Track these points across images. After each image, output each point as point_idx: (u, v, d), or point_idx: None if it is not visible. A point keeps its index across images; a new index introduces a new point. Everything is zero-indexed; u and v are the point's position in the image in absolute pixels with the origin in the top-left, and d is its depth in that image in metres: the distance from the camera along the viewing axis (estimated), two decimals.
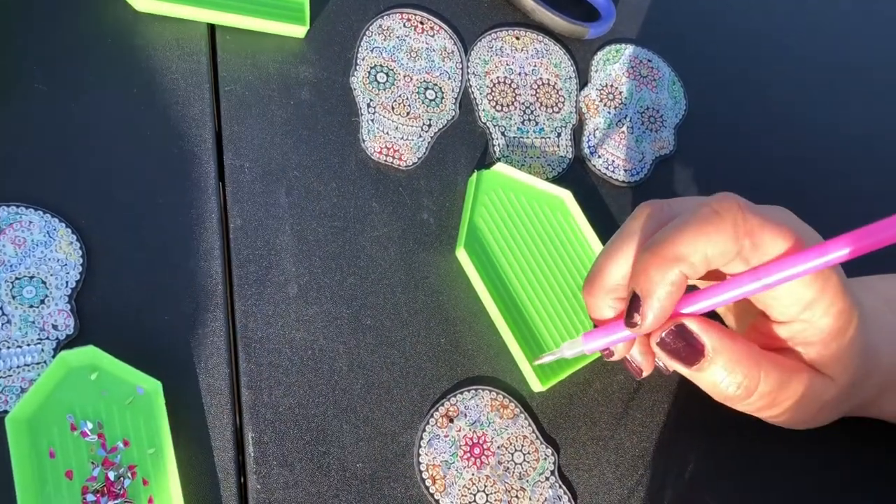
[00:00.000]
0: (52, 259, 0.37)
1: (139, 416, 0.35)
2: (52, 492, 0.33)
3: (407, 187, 0.44)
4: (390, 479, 0.38)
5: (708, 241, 0.32)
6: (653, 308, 0.33)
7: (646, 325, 0.33)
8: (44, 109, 0.40)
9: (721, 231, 0.32)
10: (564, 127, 0.49)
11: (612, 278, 0.36)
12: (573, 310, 0.43)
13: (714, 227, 0.32)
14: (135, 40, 0.43)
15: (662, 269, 0.32)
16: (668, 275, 0.32)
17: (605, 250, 0.36)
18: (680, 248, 0.32)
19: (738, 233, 0.32)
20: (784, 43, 0.57)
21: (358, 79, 0.46)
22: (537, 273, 0.43)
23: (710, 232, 0.32)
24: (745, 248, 0.32)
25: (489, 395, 0.41)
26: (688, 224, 0.32)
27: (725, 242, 0.32)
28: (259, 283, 0.40)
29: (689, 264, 0.32)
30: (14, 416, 0.33)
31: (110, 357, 0.35)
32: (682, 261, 0.32)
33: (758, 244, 0.32)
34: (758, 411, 0.36)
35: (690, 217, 0.33)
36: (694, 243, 0.32)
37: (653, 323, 0.33)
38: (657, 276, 0.32)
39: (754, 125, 0.53)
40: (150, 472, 0.34)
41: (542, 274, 0.43)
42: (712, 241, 0.32)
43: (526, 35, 0.50)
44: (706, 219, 0.32)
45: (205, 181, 0.41)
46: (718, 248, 0.32)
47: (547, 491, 0.39)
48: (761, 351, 0.35)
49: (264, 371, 0.38)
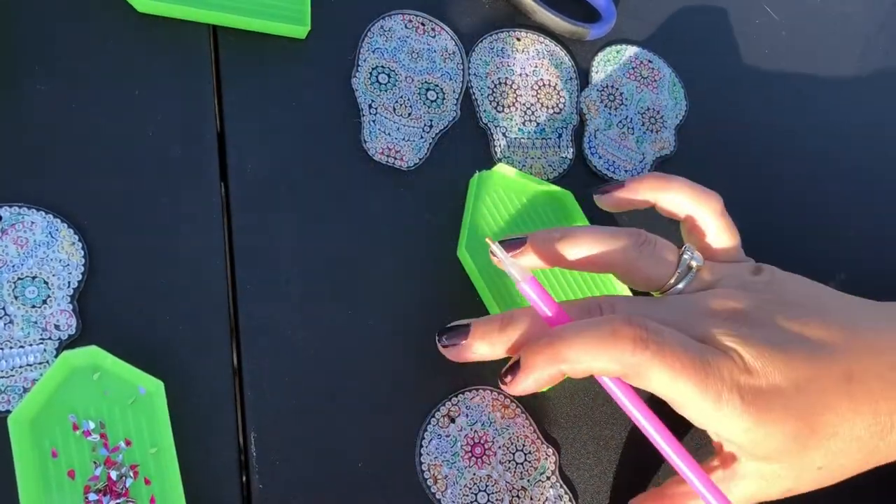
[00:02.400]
0: (54, 259, 0.37)
1: (141, 416, 0.35)
2: (54, 491, 0.33)
3: (408, 188, 0.44)
4: (392, 479, 0.38)
5: (595, 358, 0.34)
6: (525, 384, 0.36)
7: (513, 391, 0.36)
8: (45, 110, 0.40)
9: (610, 353, 0.34)
10: (565, 128, 0.49)
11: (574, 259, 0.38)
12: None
13: (606, 347, 0.34)
14: (136, 41, 0.43)
15: (549, 362, 0.35)
16: (551, 369, 0.35)
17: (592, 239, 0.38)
18: (569, 352, 0.34)
19: (624, 365, 0.34)
20: (785, 43, 0.57)
21: (359, 80, 0.46)
22: (538, 273, 0.43)
23: (600, 351, 0.34)
24: (630, 378, 0.35)
25: (490, 395, 0.41)
26: (586, 333, 0.34)
27: (610, 365, 0.34)
28: (261, 283, 0.40)
29: (572, 368, 0.35)
30: (16, 416, 0.33)
31: (112, 357, 0.35)
32: (567, 363, 0.34)
33: (643, 379, 0.34)
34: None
35: (594, 325, 0.35)
36: (582, 354, 0.34)
37: (519, 392, 0.36)
38: (542, 363, 0.35)
39: (754, 126, 0.53)
40: (152, 472, 0.34)
41: (543, 274, 0.43)
42: (599, 359, 0.34)
43: (527, 36, 0.50)
44: (603, 336, 0.34)
45: (207, 182, 0.41)
46: (603, 365, 0.34)
47: (548, 490, 0.39)
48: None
49: (266, 370, 0.38)
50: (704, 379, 0.34)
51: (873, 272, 0.51)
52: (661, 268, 0.38)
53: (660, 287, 0.38)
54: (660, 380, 0.34)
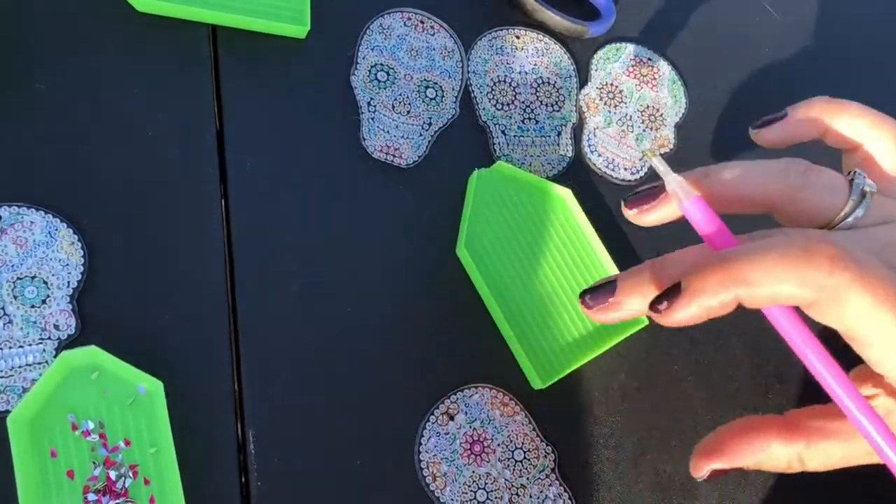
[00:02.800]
0: (53, 259, 0.37)
1: (140, 416, 0.35)
2: (53, 491, 0.33)
3: (407, 186, 0.44)
4: (391, 477, 0.38)
5: (783, 280, 0.29)
6: (687, 311, 0.30)
7: (670, 319, 0.30)
8: (45, 109, 0.40)
9: (802, 274, 0.29)
10: (565, 125, 0.49)
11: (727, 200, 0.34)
12: (573, 308, 0.43)
13: (798, 266, 0.29)
14: (136, 41, 0.43)
15: (722, 284, 0.29)
16: (723, 293, 0.29)
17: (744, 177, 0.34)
18: (752, 272, 0.29)
19: (818, 288, 0.29)
20: (785, 41, 0.57)
21: (358, 77, 0.46)
22: (538, 272, 0.43)
23: (791, 271, 0.29)
24: (821, 305, 0.29)
25: (489, 393, 0.41)
26: (772, 251, 0.29)
27: (800, 290, 0.29)
28: (260, 281, 0.40)
29: (750, 294, 0.29)
30: (16, 416, 0.34)
31: (112, 357, 0.35)
32: (747, 286, 0.29)
33: (838, 306, 0.29)
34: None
35: (778, 244, 0.29)
36: (768, 274, 0.29)
37: (676, 322, 0.30)
38: (713, 285, 0.29)
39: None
40: (151, 472, 0.35)
41: (543, 272, 0.43)
42: (788, 280, 0.29)
43: (526, 34, 0.50)
44: (793, 254, 0.29)
45: (206, 181, 0.41)
46: (791, 290, 0.29)
47: (547, 489, 0.39)
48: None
49: (265, 369, 0.39)
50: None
51: None
52: (833, 195, 0.33)
53: (831, 220, 0.33)
54: (858, 307, 0.29)
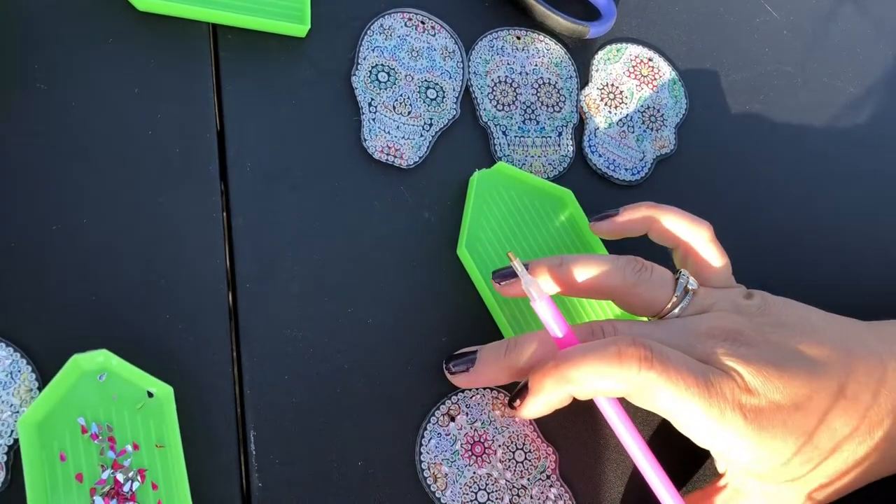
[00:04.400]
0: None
1: (149, 420, 0.35)
2: (62, 494, 0.33)
3: (408, 186, 0.44)
4: (392, 478, 0.38)
5: (602, 379, 0.35)
6: (534, 407, 0.37)
7: (523, 415, 0.38)
8: (45, 108, 0.40)
9: (615, 373, 0.34)
10: (565, 126, 0.49)
11: (573, 286, 0.39)
12: (573, 308, 0.43)
13: (612, 367, 0.34)
14: (136, 40, 0.43)
15: (556, 384, 0.36)
16: (558, 392, 0.36)
17: (590, 267, 0.39)
18: (576, 373, 0.35)
19: (630, 384, 0.34)
20: (786, 42, 0.57)
21: (359, 78, 0.46)
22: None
23: (606, 371, 0.34)
24: (635, 397, 0.36)
25: (490, 394, 0.41)
26: (592, 354, 0.35)
27: (617, 385, 0.35)
28: (261, 282, 0.40)
29: (579, 390, 0.35)
30: (26, 419, 0.34)
31: (122, 361, 0.35)
32: (574, 384, 0.35)
33: (649, 398, 0.35)
34: None
35: (597, 347, 0.35)
36: (589, 374, 0.35)
37: (529, 416, 0.38)
38: (549, 385, 0.36)
39: (755, 124, 0.53)
40: (159, 477, 0.35)
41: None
42: (606, 379, 0.35)
43: (527, 35, 0.50)
44: (608, 357, 0.34)
45: (207, 180, 0.41)
46: (609, 385, 0.35)
47: (548, 490, 0.39)
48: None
49: (266, 370, 0.38)
50: (708, 398, 0.34)
51: (874, 272, 0.51)
52: (660, 292, 0.39)
53: (658, 311, 0.39)
54: (665, 398, 0.35)
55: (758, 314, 0.38)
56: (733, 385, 0.35)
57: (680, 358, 0.35)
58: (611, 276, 0.38)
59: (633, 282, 0.38)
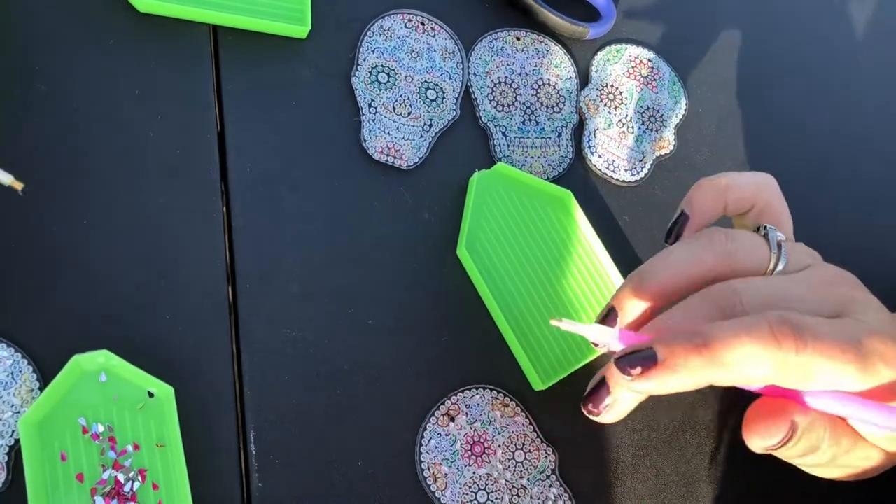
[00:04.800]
0: None
1: (150, 420, 0.35)
2: (62, 494, 0.34)
3: (408, 187, 0.44)
4: (391, 478, 0.38)
5: (756, 365, 0.30)
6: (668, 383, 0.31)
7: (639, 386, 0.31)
8: (45, 108, 0.40)
9: (773, 357, 0.30)
10: (565, 127, 0.49)
11: (665, 293, 0.34)
12: (573, 309, 0.43)
13: (766, 350, 0.30)
14: (137, 41, 0.43)
15: (706, 365, 0.30)
16: (705, 373, 0.30)
17: (671, 264, 0.34)
18: (730, 356, 0.30)
19: (787, 367, 0.30)
20: (785, 42, 0.57)
21: (359, 79, 0.46)
22: (538, 272, 0.43)
23: (762, 356, 0.30)
24: (788, 380, 0.31)
25: (490, 394, 0.41)
26: (745, 335, 0.30)
27: (766, 373, 0.30)
28: (261, 282, 0.40)
29: (728, 377, 0.30)
30: (27, 419, 0.34)
31: (123, 361, 0.35)
32: (726, 368, 0.30)
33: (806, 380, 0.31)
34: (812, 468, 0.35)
35: (750, 327, 0.30)
36: (744, 360, 0.30)
37: (640, 391, 0.32)
38: (697, 365, 0.30)
39: (755, 125, 0.53)
40: (159, 477, 0.35)
41: (543, 273, 0.44)
42: (760, 365, 0.30)
43: (526, 36, 0.50)
44: (763, 340, 0.30)
45: (207, 181, 0.41)
46: (764, 372, 0.30)
47: (547, 490, 0.39)
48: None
49: (266, 370, 0.38)
50: (864, 369, 0.30)
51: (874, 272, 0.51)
52: (758, 251, 0.35)
53: (762, 274, 0.35)
54: (824, 375, 0.30)
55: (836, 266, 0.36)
56: (878, 339, 0.31)
57: (824, 323, 0.31)
58: (702, 256, 0.34)
59: (729, 250, 0.34)
